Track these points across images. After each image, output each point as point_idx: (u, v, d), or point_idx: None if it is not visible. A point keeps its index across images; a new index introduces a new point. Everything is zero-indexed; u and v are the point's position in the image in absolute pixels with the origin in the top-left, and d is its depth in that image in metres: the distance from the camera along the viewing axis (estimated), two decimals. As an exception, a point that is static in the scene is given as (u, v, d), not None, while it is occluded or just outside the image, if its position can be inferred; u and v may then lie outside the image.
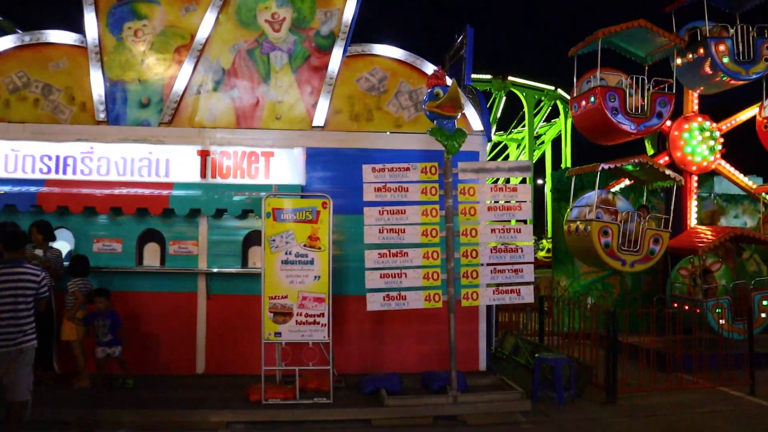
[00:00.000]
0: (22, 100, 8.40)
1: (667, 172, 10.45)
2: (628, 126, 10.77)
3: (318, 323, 6.92)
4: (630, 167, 10.60)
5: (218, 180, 8.33)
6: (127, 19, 8.48)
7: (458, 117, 7.15)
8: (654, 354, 8.25)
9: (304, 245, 6.98)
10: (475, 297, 7.13)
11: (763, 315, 10.06)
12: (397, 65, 8.62)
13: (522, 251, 7.25)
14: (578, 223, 10.47)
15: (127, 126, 8.41)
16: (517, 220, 7.88)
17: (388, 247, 7.01)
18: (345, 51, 8.54)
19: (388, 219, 6.98)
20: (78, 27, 8.45)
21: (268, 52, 8.57)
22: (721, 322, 9.70)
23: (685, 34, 11.42)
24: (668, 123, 11.48)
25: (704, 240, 10.47)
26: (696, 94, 11.77)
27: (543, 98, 32.78)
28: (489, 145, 9.18)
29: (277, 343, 7.08)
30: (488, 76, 30.31)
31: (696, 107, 11.78)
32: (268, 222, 6.97)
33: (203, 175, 8.30)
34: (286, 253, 6.97)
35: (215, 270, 8.15)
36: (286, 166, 8.39)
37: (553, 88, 32.37)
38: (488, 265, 7.22)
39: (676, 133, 11.49)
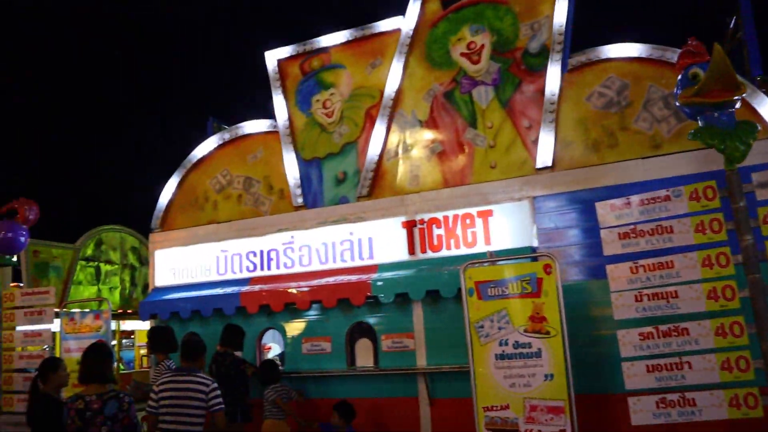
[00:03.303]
0: (227, 198, 8.10)
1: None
2: None
3: (559, 445, 4.63)
4: None
5: (429, 254, 6.75)
6: (314, 92, 7.78)
7: (737, 104, 4.42)
8: None
9: (525, 330, 4.88)
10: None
11: None
12: (638, 66, 6.28)
13: None
14: None
15: (325, 207, 7.45)
16: None
17: (654, 321, 4.51)
18: (564, 65, 6.55)
19: (647, 278, 4.48)
20: (271, 113, 7.95)
21: (469, 89, 6.98)
22: None
23: None
24: None
25: None
26: None
27: None
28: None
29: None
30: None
31: None
32: (471, 301, 5.04)
33: (411, 250, 6.81)
34: (500, 344, 4.93)
35: (435, 368, 6.44)
36: (508, 225, 6.47)
37: None
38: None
39: None
